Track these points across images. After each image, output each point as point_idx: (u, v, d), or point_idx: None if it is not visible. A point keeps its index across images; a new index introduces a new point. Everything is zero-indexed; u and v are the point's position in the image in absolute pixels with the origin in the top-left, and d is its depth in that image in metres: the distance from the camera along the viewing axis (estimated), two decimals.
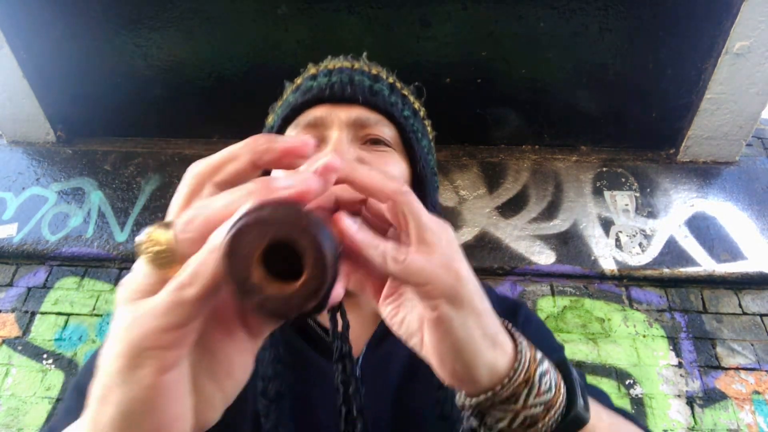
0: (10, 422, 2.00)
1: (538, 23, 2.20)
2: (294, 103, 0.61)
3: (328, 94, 0.59)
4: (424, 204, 0.61)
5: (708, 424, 1.95)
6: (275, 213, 0.26)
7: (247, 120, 2.96)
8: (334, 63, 0.66)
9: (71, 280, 2.32)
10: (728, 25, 2.13)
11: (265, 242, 0.26)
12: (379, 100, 0.60)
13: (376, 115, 0.59)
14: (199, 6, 2.22)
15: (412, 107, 0.66)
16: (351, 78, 0.61)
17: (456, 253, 0.34)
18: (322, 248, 0.26)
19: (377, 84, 0.63)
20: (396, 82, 0.67)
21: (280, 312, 0.26)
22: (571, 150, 2.64)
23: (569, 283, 2.27)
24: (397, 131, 0.61)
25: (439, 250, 0.33)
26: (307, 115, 0.59)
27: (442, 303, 0.33)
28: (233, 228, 0.25)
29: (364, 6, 2.17)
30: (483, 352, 0.34)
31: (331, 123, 0.58)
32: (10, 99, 2.53)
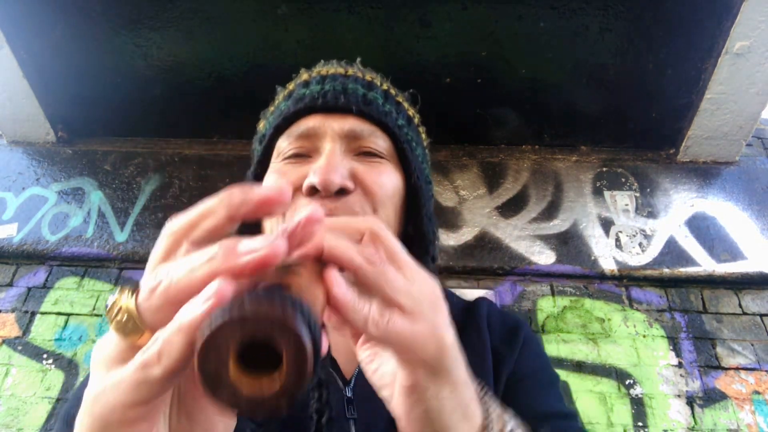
0: (10, 422, 2.00)
1: (538, 23, 2.20)
2: (286, 111, 0.59)
3: (320, 104, 0.57)
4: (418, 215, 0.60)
5: (708, 424, 1.94)
6: (256, 309, 0.24)
7: (247, 120, 2.96)
8: (327, 69, 0.64)
9: (71, 280, 2.32)
10: (728, 25, 2.13)
11: (242, 340, 0.24)
12: (373, 110, 0.59)
13: (370, 126, 0.58)
14: (199, 6, 2.22)
15: (406, 115, 0.65)
16: (344, 86, 0.60)
17: (441, 318, 0.33)
18: (303, 350, 0.24)
19: (371, 92, 0.61)
20: (390, 89, 0.66)
21: (253, 412, 0.25)
22: (571, 150, 2.64)
23: (569, 283, 2.27)
24: (391, 141, 0.60)
25: (423, 317, 0.31)
26: (300, 125, 0.58)
27: (419, 370, 0.32)
28: (210, 326, 0.24)
29: (364, 6, 2.17)
30: (452, 425, 0.33)
31: (324, 134, 0.56)
32: (10, 99, 2.53)
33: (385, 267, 0.31)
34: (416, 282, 0.33)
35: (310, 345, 0.25)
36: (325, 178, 0.50)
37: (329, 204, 0.51)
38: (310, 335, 0.25)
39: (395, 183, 0.58)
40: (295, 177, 0.55)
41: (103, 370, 0.27)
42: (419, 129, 0.68)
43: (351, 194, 0.53)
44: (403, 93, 0.69)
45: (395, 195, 0.57)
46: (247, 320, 0.24)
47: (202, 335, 0.24)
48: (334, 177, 0.50)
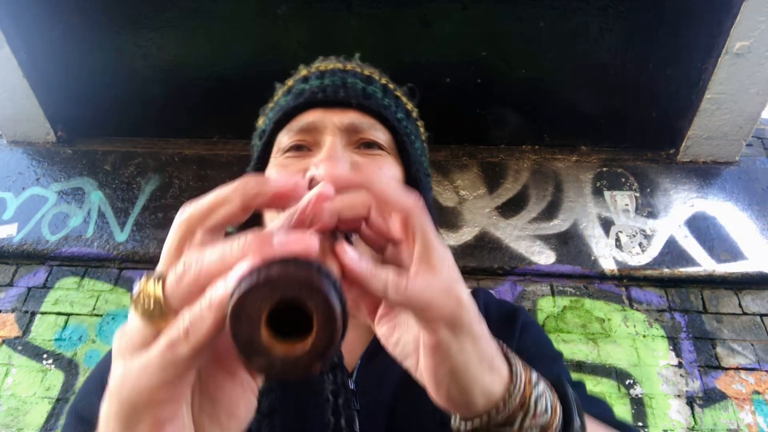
0: (10, 422, 2.00)
1: (538, 23, 2.20)
2: (286, 106, 0.60)
3: (320, 98, 0.58)
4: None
5: (708, 424, 1.95)
6: (284, 272, 0.25)
7: (247, 120, 2.97)
8: (326, 64, 0.66)
9: (71, 280, 2.32)
10: (728, 25, 2.13)
11: (273, 303, 0.25)
12: (372, 103, 0.59)
13: (369, 119, 0.59)
14: (199, 6, 2.22)
15: (405, 109, 0.66)
16: (344, 81, 0.61)
17: (457, 277, 0.34)
18: (332, 309, 0.25)
19: (370, 86, 0.62)
20: (389, 83, 0.67)
21: (286, 374, 0.26)
22: (571, 150, 2.64)
23: (569, 283, 2.27)
24: (390, 134, 0.60)
25: (443, 273, 0.32)
26: (300, 119, 0.58)
27: (441, 328, 0.32)
28: (240, 289, 0.25)
29: (364, 6, 2.17)
30: (479, 377, 0.34)
31: (325, 128, 0.57)
32: (10, 99, 2.53)
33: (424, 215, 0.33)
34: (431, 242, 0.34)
35: (339, 305, 0.25)
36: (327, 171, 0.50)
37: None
38: (337, 297, 0.26)
39: (395, 174, 0.59)
40: (296, 170, 0.55)
41: (128, 356, 0.28)
42: (418, 123, 0.69)
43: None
44: (402, 87, 0.69)
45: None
46: (275, 282, 0.25)
47: (233, 301, 0.25)
48: (335, 169, 0.50)
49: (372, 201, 0.34)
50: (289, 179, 0.30)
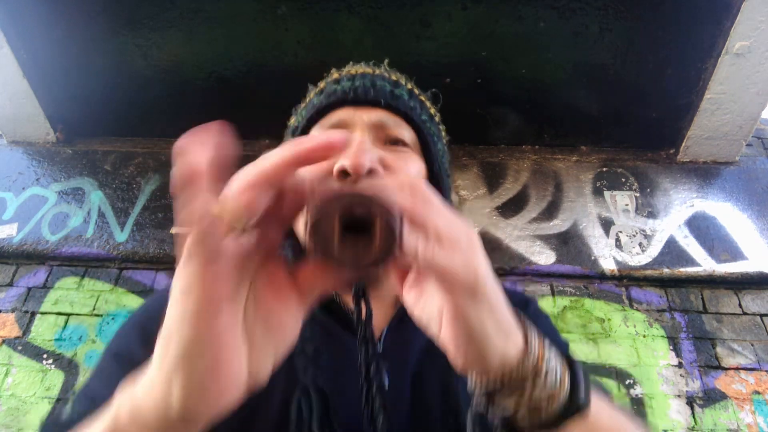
0: (10, 422, 2.00)
1: (538, 23, 2.20)
2: (319, 105, 0.65)
3: (351, 97, 0.63)
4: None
5: (708, 424, 1.95)
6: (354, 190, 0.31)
7: (247, 120, 2.98)
8: (356, 68, 0.70)
9: (71, 280, 2.32)
10: (728, 25, 2.13)
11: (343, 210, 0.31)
12: (399, 104, 0.64)
13: (396, 118, 0.63)
14: (199, 6, 2.22)
15: (428, 112, 0.70)
16: (373, 82, 0.66)
17: (476, 250, 0.37)
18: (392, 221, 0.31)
19: (398, 89, 0.67)
20: (414, 88, 0.72)
21: (354, 263, 0.31)
22: (571, 150, 2.64)
23: (569, 283, 2.26)
24: (415, 134, 0.65)
25: (460, 248, 0.35)
26: (331, 116, 0.63)
27: (461, 295, 0.35)
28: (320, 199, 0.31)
29: (364, 6, 2.17)
30: (495, 341, 0.37)
31: (354, 124, 0.62)
32: (10, 99, 2.53)
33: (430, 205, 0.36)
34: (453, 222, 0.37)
35: (397, 220, 0.31)
36: (356, 161, 0.53)
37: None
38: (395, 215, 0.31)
39: (420, 170, 0.64)
40: (327, 163, 0.58)
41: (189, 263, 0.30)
42: (440, 126, 0.74)
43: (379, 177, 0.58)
44: (425, 93, 0.75)
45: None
46: (350, 196, 0.31)
47: (315, 206, 0.31)
48: (363, 160, 0.54)
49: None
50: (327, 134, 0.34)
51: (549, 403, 0.39)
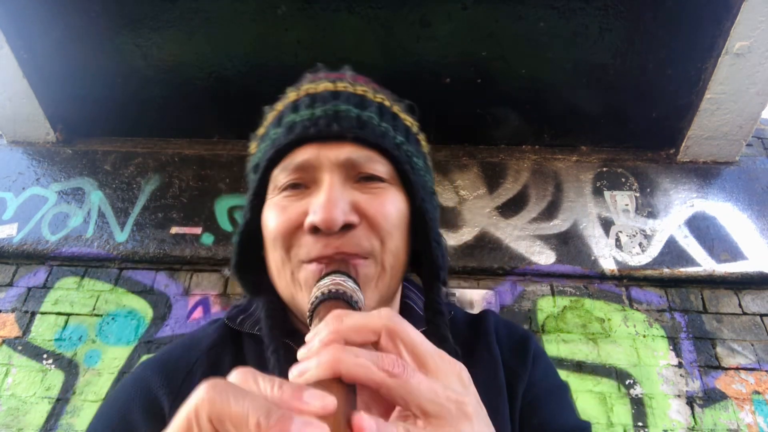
0: (10, 422, 2.00)
1: (538, 23, 2.20)
2: (278, 143, 0.57)
3: (313, 132, 0.55)
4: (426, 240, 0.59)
5: (708, 424, 1.94)
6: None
7: (247, 120, 2.95)
8: (315, 85, 0.61)
9: (71, 280, 2.32)
10: (728, 25, 2.13)
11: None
12: (368, 134, 0.56)
13: (367, 152, 0.55)
14: (199, 6, 2.22)
15: (404, 128, 0.62)
16: (336, 109, 0.57)
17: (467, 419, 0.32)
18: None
19: (365, 112, 0.58)
20: (384, 100, 0.62)
21: None
22: (571, 150, 2.64)
23: (569, 283, 2.26)
24: (390, 164, 0.57)
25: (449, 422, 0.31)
26: (294, 157, 0.56)
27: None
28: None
29: (364, 6, 2.17)
30: None
31: (321, 165, 0.54)
32: (10, 99, 2.53)
33: (408, 376, 0.31)
34: (441, 374, 0.33)
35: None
36: (327, 217, 0.49)
37: (335, 241, 0.50)
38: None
39: (400, 208, 0.56)
40: (296, 214, 0.53)
41: None
42: (419, 137, 0.66)
43: (356, 228, 0.52)
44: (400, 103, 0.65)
45: (401, 221, 0.56)
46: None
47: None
48: (335, 215, 0.49)
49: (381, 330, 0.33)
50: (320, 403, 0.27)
51: None
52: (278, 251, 0.54)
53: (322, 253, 0.51)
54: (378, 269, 0.53)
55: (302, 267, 0.53)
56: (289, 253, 0.54)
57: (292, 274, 0.54)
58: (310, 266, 0.52)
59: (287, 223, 0.53)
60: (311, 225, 0.50)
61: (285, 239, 0.54)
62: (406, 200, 0.58)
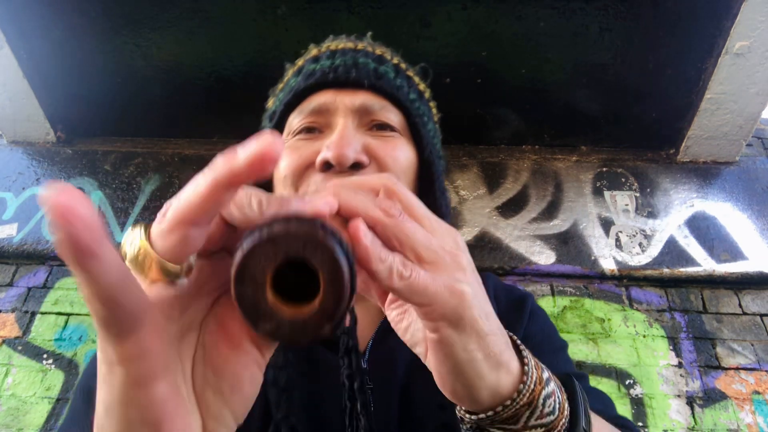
0: (10, 422, 2.00)
1: (538, 23, 2.20)
2: (296, 88, 0.59)
3: (331, 78, 0.57)
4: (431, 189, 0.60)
5: (708, 424, 1.95)
6: (286, 228, 0.23)
7: (247, 120, 2.95)
8: (336, 43, 0.64)
9: (71, 280, 2.32)
10: (728, 25, 2.13)
11: (277, 262, 0.23)
12: (384, 84, 0.58)
13: (382, 100, 0.58)
14: (199, 6, 2.22)
15: (417, 89, 0.65)
16: (355, 60, 0.59)
17: (461, 269, 0.32)
18: (339, 267, 0.24)
19: (382, 66, 0.61)
20: (400, 63, 0.65)
21: (294, 338, 0.24)
22: (571, 150, 2.64)
23: (569, 283, 2.26)
24: (402, 116, 0.59)
25: (443, 269, 0.31)
26: (311, 101, 0.57)
27: (443, 325, 0.31)
28: (242, 249, 0.23)
29: (364, 6, 2.17)
30: (485, 374, 0.33)
31: (336, 109, 0.56)
32: (10, 99, 2.53)
33: (404, 219, 0.31)
34: (437, 233, 0.32)
35: (346, 263, 0.24)
36: (339, 153, 0.49)
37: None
38: (344, 254, 0.24)
39: (409, 156, 0.58)
40: (308, 153, 0.54)
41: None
42: (430, 104, 0.68)
43: (365, 168, 0.53)
44: (414, 67, 0.68)
45: (409, 168, 0.58)
46: (278, 239, 0.23)
47: (236, 262, 0.23)
48: (347, 151, 0.50)
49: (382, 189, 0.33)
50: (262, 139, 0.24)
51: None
52: (287, 189, 0.55)
53: None
54: None
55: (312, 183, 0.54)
56: (298, 191, 0.55)
57: None
58: None
59: (299, 161, 0.54)
60: (323, 160, 0.51)
61: (295, 177, 0.55)
62: (416, 153, 0.60)
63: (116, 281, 0.22)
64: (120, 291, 0.22)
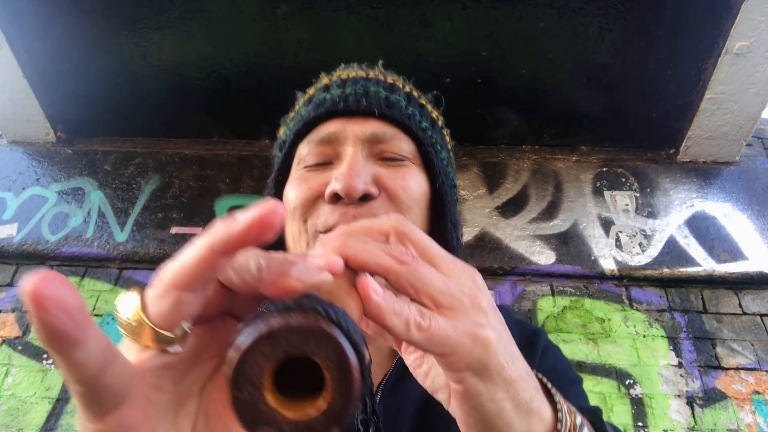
0: (10, 422, 2.00)
1: (538, 23, 2.20)
2: (306, 117, 0.57)
3: (342, 107, 0.55)
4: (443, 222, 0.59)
5: (708, 424, 1.95)
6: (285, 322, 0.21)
7: (247, 120, 2.96)
8: (347, 72, 0.62)
9: (71, 280, 2.30)
10: (728, 25, 2.13)
11: (276, 361, 0.21)
12: (395, 113, 0.56)
13: (393, 129, 0.56)
14: (199, 6, 2.22)
15: (430, 117, 0.63)
16: (366, 89, 0.58)
17: (482, 312, 0.30)
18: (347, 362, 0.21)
19: (393, 95, 0.59)
20: (413, 91, 0.64)
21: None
22: (571, 150, 2.64)
23: (569, 283, 2.26)
24: (414, 145, 0.58)
25: (463, 313, 0.29)
26: (320, 130, 0.56)
27: (467, 375, 0.29)
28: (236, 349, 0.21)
29: (364, 6, 2.17)
30: (515, 424, 0.30)
31: (346, 138, 0.54)
32: (10, 99, 2.53)
33: (418, 264, 0.29)
34: (453, 274, 0.31)
35: (354, 355, 0.22)
36: (348, 184, 0.48)
37: (352, 211, 0.50)
38: (351, 344, 0.22)
39: (421, 186, 0.56)
40: (317, 184, 0.53)
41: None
42: (443, 131, 0.67)
43: (375, 200, 0.52)
44: (426, 95, 0.67)
45: (421, 199, 0.56)
46: (277, 334, 0.21)
47: (230, 363, 0.21)
48: (356, 183, 0.49)
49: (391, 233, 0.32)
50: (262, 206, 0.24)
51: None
52: (296, 222, 0.54)
53: (338, 222, 0.50)
54: None
55: (318, 238, 0.53)
56: (306, 223, 0.54)
57: (307, 245, 0.54)
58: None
59: (308, 192, 0.53)
60: (332, 192, 0.50)
61: (304, 209, 0.54)
62: (428, 181, 0.58)
63: (99, 364, 0.21)
64: (102, 372, 0.21)
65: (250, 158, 2.59)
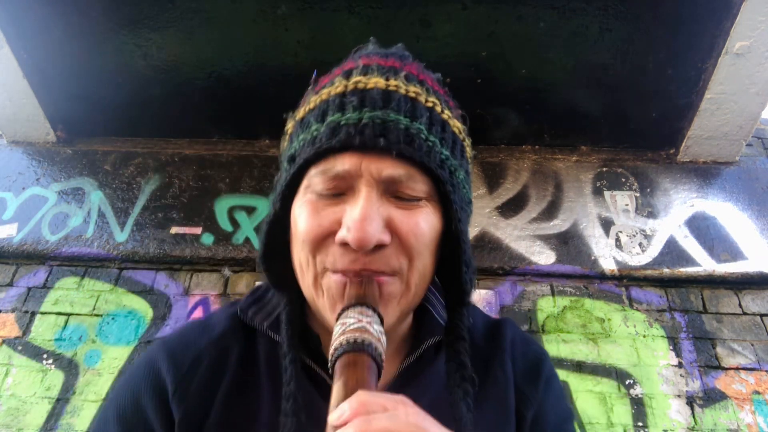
0: (10, 422, 2.00)
1: (538, 23, 2.20)
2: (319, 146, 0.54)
3: (358, 143, 0.53)
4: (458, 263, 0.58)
5: (708, 424, 1.94)
6: None
7: (247, 120, 2.96)
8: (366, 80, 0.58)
9: (71, 280, 2.32)
10: (728, 25, 2.13)
11: None
12: (414, 151, 0.53)
13: (410, 170, 0.54)
14: (199, 6, 2.22)
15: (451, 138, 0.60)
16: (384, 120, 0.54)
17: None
18: None
19: (414, 123, 0.55)
20: (436, 105, 0.60)
21: None
22: (571, 150, 2.64)
23: (569, 283, 2.26)
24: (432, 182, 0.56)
25: None
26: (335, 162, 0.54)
27: None
28: None
29: (364, 6, 2.17)
30: None
31: (360, 177, 0.53)
32: (10, 99, 2.53)
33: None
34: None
35: None
36: (360, 237, 0.48)
37: (363, 258, 0.50)
38: None
39: (433, 228, 0.55)
40: (328, 222, 0.53)
41: None
42: (465, 143, 0.64)
43: (387, 247, 0.52)
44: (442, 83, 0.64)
45: (432, 242, 0.55)
46: None
47: None
48: (369, 236, 0.48)
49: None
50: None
51: None
52: (305, 252, 0.54)
53: (348, 268, 0.51)
54: (402, 287, 0.53)
55: (326, 275, 0.53)
56: (316, 257, 0.53)
57: (315, 278, 0.54)
58: (335, 276, 0.51)
59: (318, 230, 0.53)
60: (343, 241, 0.49)
61: (314, 245, 0.53)
62: (441, 218, 0.56)
63: None
64: None
65: (250, 158, 2.59)
